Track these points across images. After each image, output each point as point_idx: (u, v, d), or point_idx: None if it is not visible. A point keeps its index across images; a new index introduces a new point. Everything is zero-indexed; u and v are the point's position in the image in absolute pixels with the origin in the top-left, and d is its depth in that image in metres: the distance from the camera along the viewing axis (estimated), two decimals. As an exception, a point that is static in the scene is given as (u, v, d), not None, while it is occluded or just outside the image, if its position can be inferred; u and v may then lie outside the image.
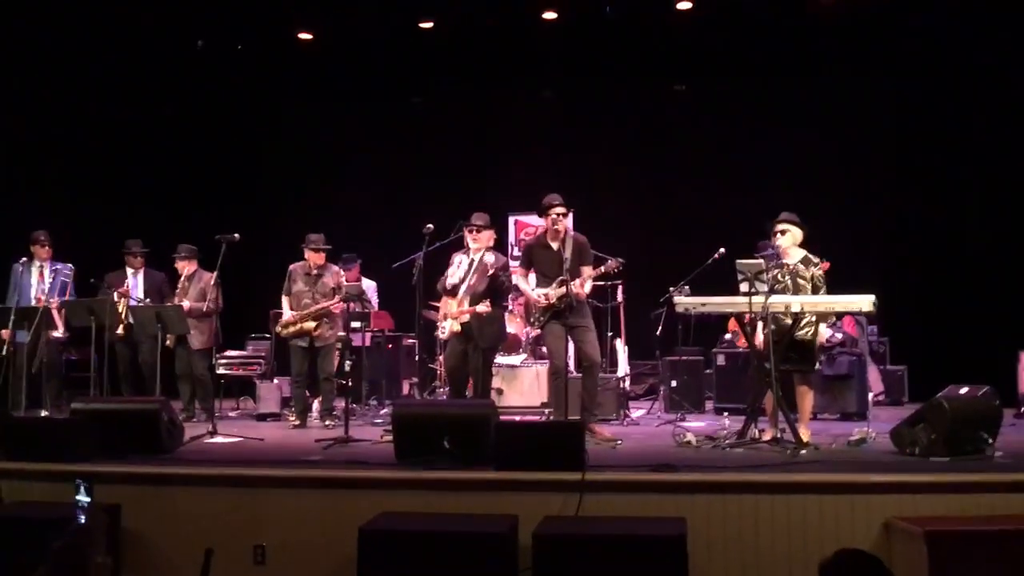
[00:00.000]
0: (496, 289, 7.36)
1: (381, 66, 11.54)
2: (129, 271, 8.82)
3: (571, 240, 6.99)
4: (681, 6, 10.41)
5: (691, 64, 11.18)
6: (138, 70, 11.07)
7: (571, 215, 7.56)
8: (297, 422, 8.08)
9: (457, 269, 7.48)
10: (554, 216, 6.94)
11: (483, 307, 7.25)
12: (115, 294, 8.38)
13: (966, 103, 10.26)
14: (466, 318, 7.31)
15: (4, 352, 7.75)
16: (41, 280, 8.60)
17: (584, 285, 6.89)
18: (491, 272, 7.26)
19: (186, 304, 8.42)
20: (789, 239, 6.54)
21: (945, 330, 9.85)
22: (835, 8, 10.07)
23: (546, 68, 11.49)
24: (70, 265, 8.78)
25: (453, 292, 7.47)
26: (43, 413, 8.07)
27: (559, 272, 6.82)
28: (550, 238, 7.02)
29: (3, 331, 8.07)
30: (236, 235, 7.35)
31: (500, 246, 11.11)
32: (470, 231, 7.46)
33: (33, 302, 8.36)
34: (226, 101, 11.97)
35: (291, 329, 8.15)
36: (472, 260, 7.45)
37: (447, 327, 7.49)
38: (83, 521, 4.22)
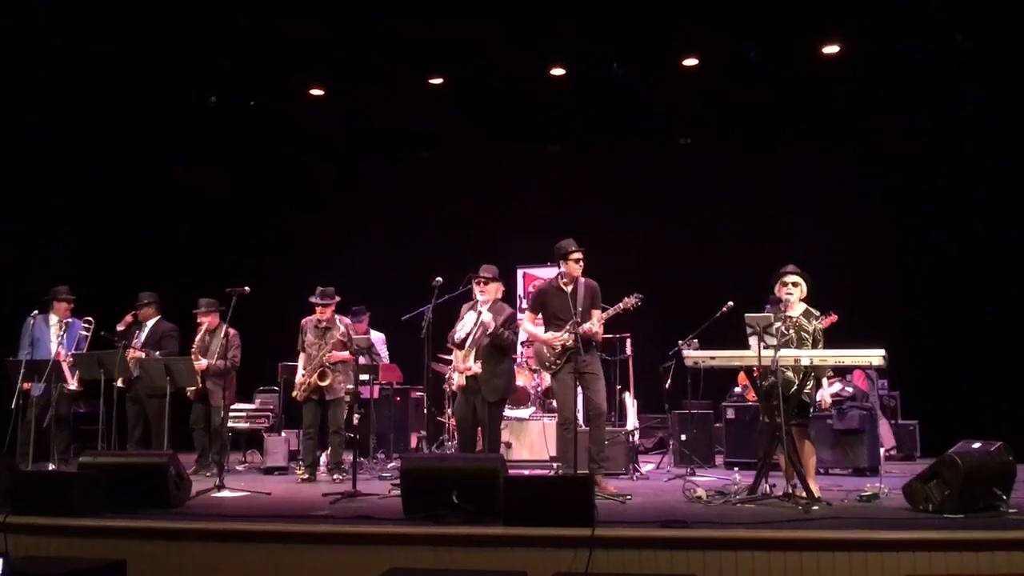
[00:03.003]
0: (499, 343, 7.38)
1: (390, 121, 11.71)
2: (140, 322, 8.87)
3: (583, 285, 7.06)
4: (687, 62, 10.57)
5: (697, 118, 11.32)
6: (152, 125, 11.26)
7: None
8: (306, 475, 8.04)
9: (465, 323, 7.53)
10: (574, 259, 7.01)
11: (476, 367, 7.27)
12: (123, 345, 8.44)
13: (977, 153, 10.31)
14: (473, 371, 7.37)
15: (14, 405, 7.74)
16: (60, 334, 8.62)
17: (598, 326, 6.93)
18: (491, 331, 7.29)
19: (203, 362, 8.42)
20: (799, 292, 6.56)
21: (957, 384, 9.80)
22: (838, 60, 10.21)
23: (553, 123, 11.63)
24: (89, 319, 8.80)
25: (460, 345, 7.53)
26: (51, 466, 8.05)
27: (571, 316, 6.86)
28: (564, 283, 7.07)
29: (26, 384, 8.02)
30: (246, 288, 7.39)
31: (508, 299, 11.14)
32: (478, 283, 7.52)
33: (53, 356, 8.36)
34: (238, 155, 12.14)
35: (305, 390, 8.15)
36: (479, 313, 7.50)
37: (455, 380, 7.55)
38: None
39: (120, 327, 8.75)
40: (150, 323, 8.88)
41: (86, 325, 8.78)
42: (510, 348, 7.57)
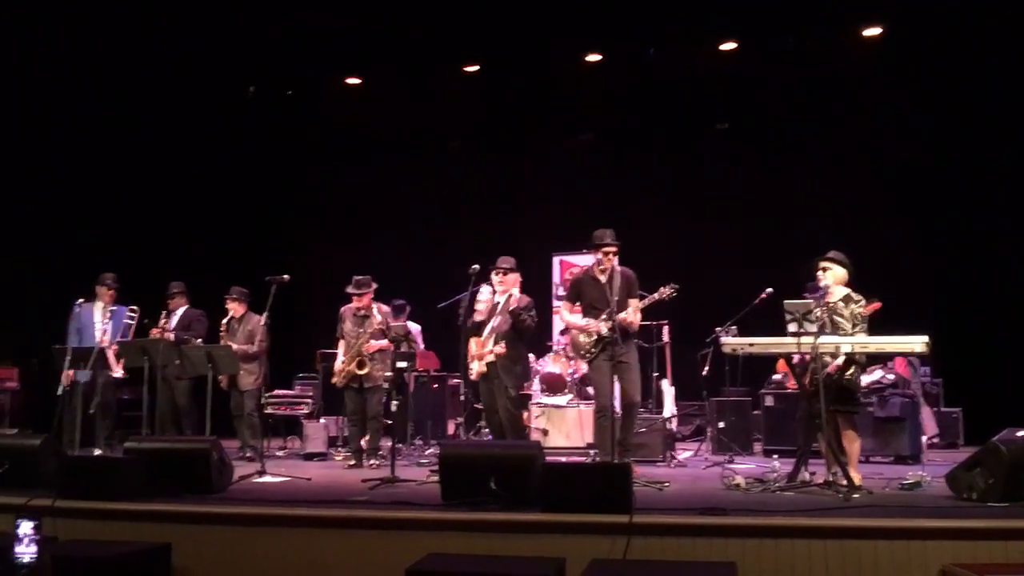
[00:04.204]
0: (519, 329, 7.47)
1: (426, 109, 11.74)
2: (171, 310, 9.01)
3: (619, 275, 7.06)
4: (724, 47, 10.47)
5: (734, 103, 11.21)
6: (192, 116, 11.41)
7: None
8: (352, 461, 8.16)
9: (481, 303, 7.66)
10: (604, 252, 7.02)
11: (499, 348, 7.36)
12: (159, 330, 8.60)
13: (1020, 135, 10.09)
14: (491, 358, 7.48)
15: (60, 391, 7.89)
16: (104, 321, 8.75)
17: (634, 314, 6.95)
18: (511, 308, 7.43)
19: (232, 346, 8.54)
20: (830, 276, 6.46)
21: (1001, 371, 9.64)
22: (879, 43, 10.06)
23: (589, 109, 11.59)
24: (134, 307, 8.91)
25: (478, 332, 7.59)
26: (96, 452, 8.20)
27: (606, 304, 6.86)
28: (598, 272, 7.07)
29: (69, 372, 8.14)
30: (286, 276, 7.46)
31: (545, 286, 11.18)
32: (497, 273, 7.64)
33: (97, 343, 8.50)
34: (276, 145, 12.24)
35: (344, 377, 8.24)
36: (498, 303, 7.56)
37: (474, 368, 7.65)
38: (27, 560, 4.25)
39: (156, 332, 8.80)
40: (180, 311, 9.02)
41: (131, 313, 8.89)
42: (528, 333, 7.64)
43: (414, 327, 9.86)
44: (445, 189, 12.32)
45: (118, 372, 8.57)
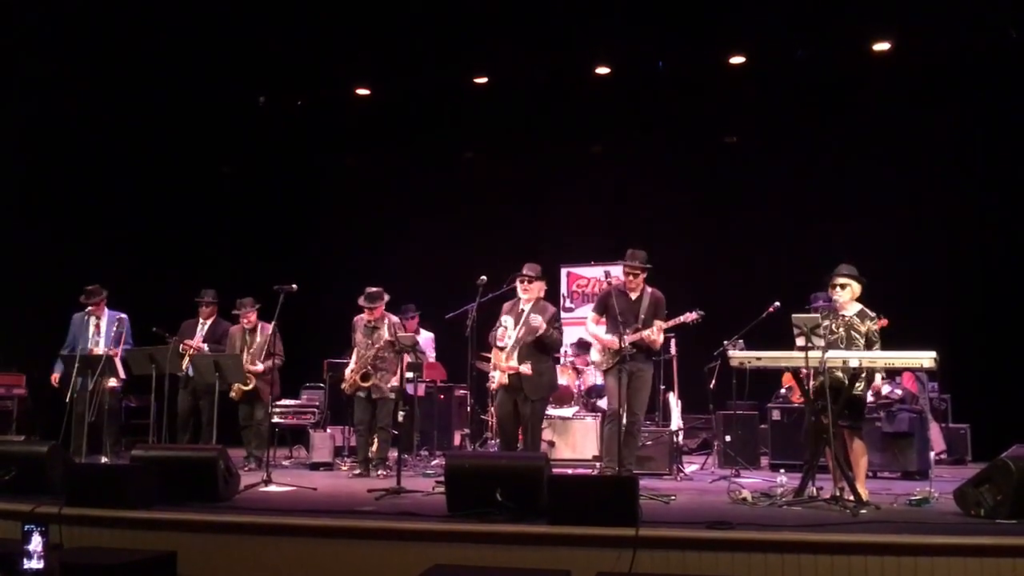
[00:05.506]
0: (543, 342, 7.40)
1: (435, 121, 11.77)
2: (201, 320, 9.02)
3: (649, 295, 7.22)
4: (734, 60, 10.48)
5: (743, 117, 11.22)
6: (201, 125, 11.46)
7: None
8: (359, 470, 8.16)
9: (508, 329, 7.51)
10: (624, 272, 7.30)
11: (525, 368, 7.28)
12: (181, 343, 8.59)
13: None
14: (522, 372, 7.39)
15: (68, 399, 7.91)
16: (97, 332, 8.76)
17: (657, 333, 7.07)
18: (539, 332, 7.31)
19: (259, 366, 8.55)
20: (848, 293, 6.46)
21: (1010, 387, 9.60)
22: (889, 57, 10.06)
23: (598, 122, 11.61)
24: (124, 315, 8.89)
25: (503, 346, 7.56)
26: (103, 459, 8.21)
27: (633, 321, 7.03)
28: (629, 288, 7.22)
29: (53, 375, 8.21)
30: (294, 285, 7.48)
31: (552, 297, 11.15)
32: (521, 281, 7.53)
33: (87, 351, 8.50)
34: (285, 155, 12.29)
35: (351, 386, 8.26)
36: (522, 311, 7.50)
37: (496, 378, 7.56)
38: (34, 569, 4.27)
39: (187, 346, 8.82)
40: (210, 321, 9.03)
41: (116, 321, 8.86)
42: (555, 346, 7.58)
43: (427, 336, 9.84)
44: (454, 200, 12.34)
45: (112, 381, 8.51)
